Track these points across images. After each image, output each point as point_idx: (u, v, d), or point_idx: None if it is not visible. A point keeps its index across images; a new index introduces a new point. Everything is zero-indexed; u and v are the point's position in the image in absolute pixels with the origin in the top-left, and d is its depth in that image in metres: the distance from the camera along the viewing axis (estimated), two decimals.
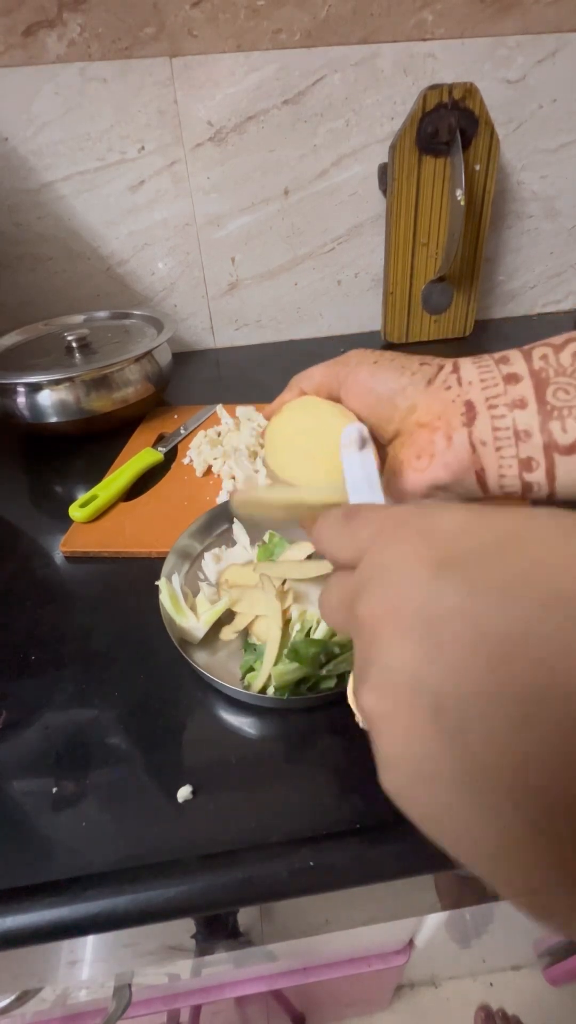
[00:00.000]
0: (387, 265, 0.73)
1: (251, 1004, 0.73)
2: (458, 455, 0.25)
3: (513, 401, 0.25)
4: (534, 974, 0.92)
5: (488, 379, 0.25)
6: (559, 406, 0.24)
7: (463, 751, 0.13)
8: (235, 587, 0.37)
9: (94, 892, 0.25)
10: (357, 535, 0.18)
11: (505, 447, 0.25)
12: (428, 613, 0.14)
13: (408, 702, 0.14)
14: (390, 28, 0.63)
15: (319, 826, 0.26)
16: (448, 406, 0.26)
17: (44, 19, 0.58)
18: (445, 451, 0.25)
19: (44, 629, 0.38)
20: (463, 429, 0.25)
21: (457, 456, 0.25)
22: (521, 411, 0.24)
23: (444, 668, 0.13)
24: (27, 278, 0.72)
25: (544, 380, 0.24)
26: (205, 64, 0.62)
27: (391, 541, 0.16)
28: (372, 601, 0.15)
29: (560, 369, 0.24)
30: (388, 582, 0.15)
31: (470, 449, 0.25)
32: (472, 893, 0.40)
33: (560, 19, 0.64)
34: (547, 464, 0.24)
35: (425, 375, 0.27)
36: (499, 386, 0.25)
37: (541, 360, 0.25)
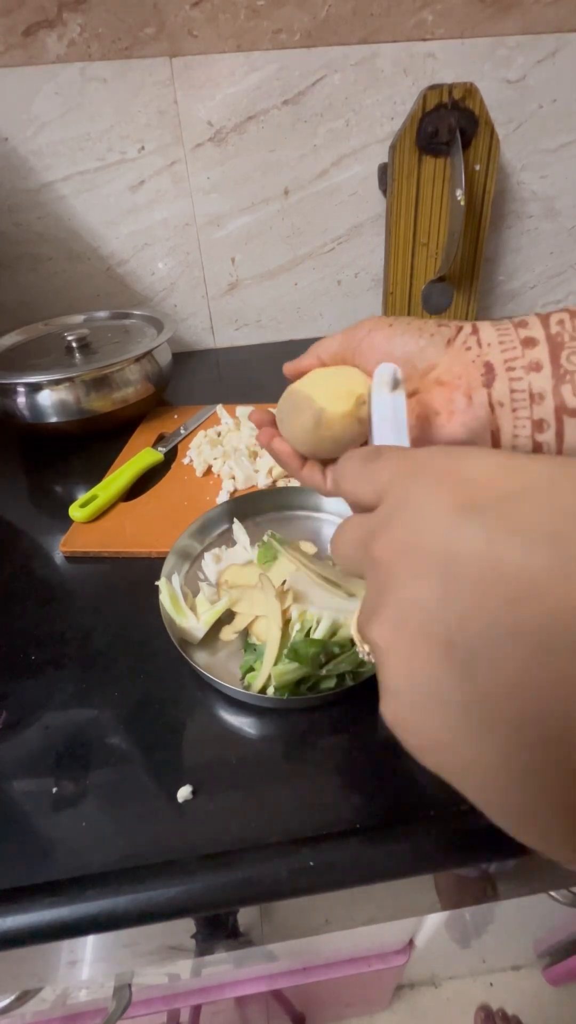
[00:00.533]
0: (387, 265, 0.73)
1: (251, 1004, 0.73)
2: (477, 414, 0.26)
3: (530, 364, 0.25)
4: (534, 974, 0.92)
5: (506, 342, 0.26)
6: (571, 370, 0.24)
7: (471, 683, 0.13)
8: (235, 587, 0.37)
9: (94, 892, 0.25)
10: (379, 475, 0.18)
11: (521, 408, 0.25)
12: (448, 553, 0.14)
13: (420, 635, 0.14)
14: (390, 28, 0.63)
15: (319, 826, 0.26)
16: (468, 366, 0.26)
17: (44, 19, 0.58)
18: (465, 410, 0.26)
19: (44, 629, 0.38)
20: (483, 389, 0.26)
21: (476, 415, 0.26)
22: (536, 374, 0.25)
23: (460, 606, 0.13)
24: (27, 278, 0.72)
25: (559, 344, 0.25)
26: (205, 64, 0.62)
27: (414, 482, 0.16)
28: (392, 539, 0.16)
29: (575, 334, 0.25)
30: (409, 521, 0.16)
31: (489, 409, 0.26)
32: (472, 893, 0.40)
33: (560, 19, 0.64)
34: (557, 426, 0.25)
35: (444, 336, 0.27)
36: (517, 349, 0.26)
37: (558, 325, 0.25)
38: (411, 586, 0.15)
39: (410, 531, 0.15)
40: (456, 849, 0.26)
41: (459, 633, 0.13)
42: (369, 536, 0.17)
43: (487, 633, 0.13)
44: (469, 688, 0.13)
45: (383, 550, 0.16)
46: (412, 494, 0.16)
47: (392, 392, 0.25)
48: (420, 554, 0.15)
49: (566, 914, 0.61)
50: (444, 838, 0.26)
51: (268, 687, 0.32)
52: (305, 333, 0.83)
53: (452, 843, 0.26)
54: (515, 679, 0.12)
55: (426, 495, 0.16)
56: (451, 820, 0.26)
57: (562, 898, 0.44)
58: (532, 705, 0.12)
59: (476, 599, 0.13)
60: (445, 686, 0.14)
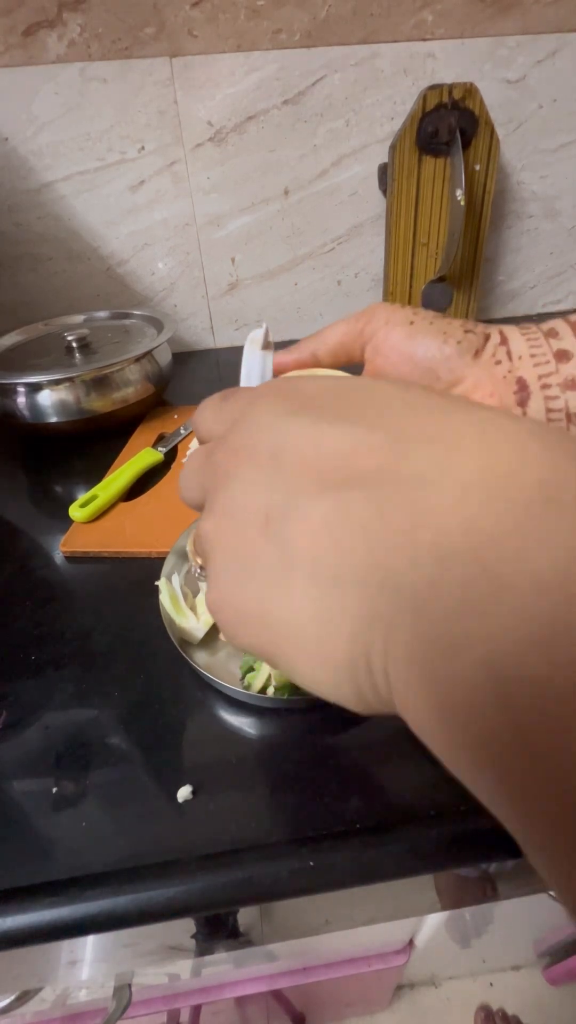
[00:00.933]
0: (387, 265, 0.73)
1: (251, 1004, 0.73)
2: None
3: (566, 381, 0.24)
4: (534, 974, 0.92)
5: (539, 355, 0.24)
6: None
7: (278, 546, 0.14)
8: None
9: (94, 892, 0.25)
10: (230, 409, 0.19)
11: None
12: (277, 446, 0.15)
13: (241, 519, 0.15)
14: (390, 28, 0.63)
15: (319, 826, 0.26)
16: (500, 383, 0.25)
17: (44, 19, 0.58)
18: None
19: (44, 629, 0.38)
20: (517, 409, 0.24)
21: None
22: (573, 392, 0.23)
23: (278, 484, 0.14)
24: (27, 278, 0.72)
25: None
26: (205, 64, 0.62)
27: (256, 402, 0.17)
28: (229, 445, 0.17)
29: None
30: (246, 428, 0.16)
31: None
32: (472, 893, 0.40)
33: (560, 19, 0.64)
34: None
35: (471, 345, 0.25)
36: (551, 363, 0.24)
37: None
38: (241, 479, 0.16)
39: (246, 435, 0.16)
40: (456, 849, 0.26)
41: (275, 507, 0.14)
42: (211, 450, 0.18)
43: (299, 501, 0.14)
44: (278, 549, 0.14)
45: (221, 455, 0.17)
46: (252, 410, 0.17)
47: (263, 349, 0.25)
48: (250, 452, 0.16)
49: (566, 914, 0.61)
50: (444, 838, 0.26)
51: (268, 687, 0.32)
52: (305, 333, 0.82)
53: (452, 843, 0.26)
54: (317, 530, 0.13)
55: (264, 407, 0.16)
56: (451, 820, 0.26)
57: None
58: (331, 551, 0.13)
59: (294, 475, 0.14)
60: (259, 556, 0.15)
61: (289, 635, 0.14)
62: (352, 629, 0.13)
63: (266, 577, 0.15)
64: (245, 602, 0.15)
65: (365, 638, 0.13)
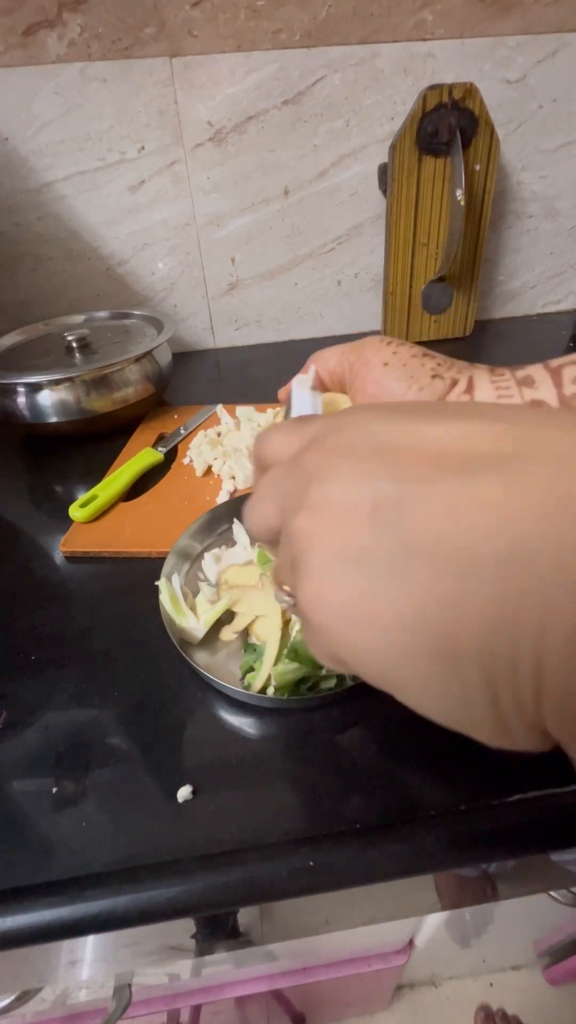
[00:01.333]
0: (387, 265, 0.73)
1: (251, 1004, 0.73)
2: None
3: None
4: (534, 974, 0.92)
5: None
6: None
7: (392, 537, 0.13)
8: (235, 587, 0.37)
9: (94, 892, 0.25)
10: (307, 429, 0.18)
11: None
12: (378, 442, 0.15)
13: (348, 507, 0.14)
14: (390, 28, 0.63)
15: (319, 826, 0.26)
16: None
17: (44, 19, 0.58)
18: None
19: (44, 629, 0.38)
20: None
21: None
22: None
23: (389, 476, 0.14)
24: (27, 278, 0.72)
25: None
26: (205, 64, 0.62)
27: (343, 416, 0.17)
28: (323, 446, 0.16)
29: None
30: (339, 432, 0.16)
31: None
32: (472, 893, 0.40)
33: (560, 19, 0.64)
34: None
35: (434, 392, 0.24)
36: None
37: (574, 384, 0.22)
38: (341, 474, 0.15)
39: (341, 437, 0.16)
40: (456, 849, 0.26)
41: (384, 497, 0.14)
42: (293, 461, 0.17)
43: (414, 485, 0.13)
44: (392, 540, 0.13)
45: (311, 459, 0.16)
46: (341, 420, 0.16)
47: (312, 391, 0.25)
48: (352, 449, 0.15)
49: (566, 914, 0.61)
50: (444, 838, 0.26)
51: (268, 687, 0.32)
52: (305, 333, 0.83)
53: (452, 843, 0.26)
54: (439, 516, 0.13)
55: (356, 415, 0.16)
56: (451, 820, 0.26)
57: (562, 898, 0.44)
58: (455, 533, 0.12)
59: (405, 466, 0.14)
60: (367, 548, 0.14)
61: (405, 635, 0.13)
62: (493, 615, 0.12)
63: (378, 570, 0.13)
64: (351, 599, 0.14)
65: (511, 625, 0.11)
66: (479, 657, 0.12)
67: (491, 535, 0.12)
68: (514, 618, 0.11)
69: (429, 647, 0.13)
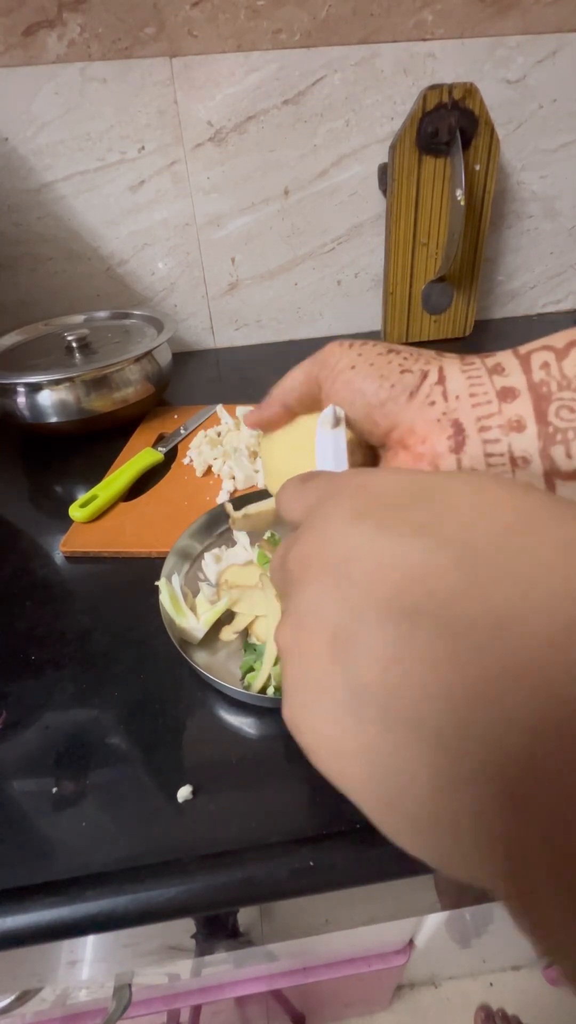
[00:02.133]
0: (387, 265, 0.73)
1: (251, 1004, 0.73)
2: None
3: (509, 422, 0.21)
4: (534, 974, 0.92)
5: (479, 393, 0.22)
6: (563, 427, 0.21)
7: (348, 672, 0.13)
8: (235, 587, 0.37)
9: (94, 892, 0.25)
10: (307, 497, 0.18)
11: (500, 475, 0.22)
12: (341, 557, 0.15)
13: (314, 633, 0.15)
14: (390, 28, 0.63)
15: (319, 826, 0.26)
16: (433, 427, 0.22)
17: (44, 19, 0.58)
18: None
19: (44, 629, 0.38)
20: (451, 455, 0.22)
21: None
22: (518, 434, 0.21)
23: (344, 602, 0.14)
24: (27, 278, 0.72)
25: (545, 396, 0.21)
26: (205, 64, 0.62)
27: (327, 499, 0.17)
28: (299, 550, 0.16)
29: (564, 382, 0.21)
30: (315, 533, 0.16)
31: None
32: (472, 893, 0.40)
33: (560, 19, 0.64)
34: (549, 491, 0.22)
35: (406, 386, 0.23)
36: (492, 403, 0.22)
37: (542, 370, 0.21)
38: (310, 590, 0.15)
39: (314, 542, 0.16)
40: None
41: (342, 627, 0.14)
42: (286, 552, 0.17)
43: (363, 622, 0.13)
44: (346, 677, 0.13)
45: (293, 562, 0.17)
46: (322, 510, 0.17)
47: (332, 428, 0.25)
48: (319, 560, 0.15)
49: None
50: None
51: (268, 687, 0.32)
52: (305, 333, 0.83)
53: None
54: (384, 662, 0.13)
55: (333, 509, 0.16)
56: None
57: None
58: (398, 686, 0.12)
59: (359, 594, 0.14)
60: (329, 680, 0.14)
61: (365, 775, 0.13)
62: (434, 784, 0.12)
63: (337, 705, 0.14)
64: (319, 728, 0.14)
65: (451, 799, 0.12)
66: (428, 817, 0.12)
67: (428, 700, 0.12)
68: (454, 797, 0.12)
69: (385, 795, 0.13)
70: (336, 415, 0.25)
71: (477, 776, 0.11)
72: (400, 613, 0.13)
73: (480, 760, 0.11)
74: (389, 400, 0.24)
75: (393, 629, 0.13)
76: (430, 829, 0.13)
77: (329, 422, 0.25)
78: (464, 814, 0.12)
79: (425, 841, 0.13)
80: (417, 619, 0.12)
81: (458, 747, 0.11)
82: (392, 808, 0.13)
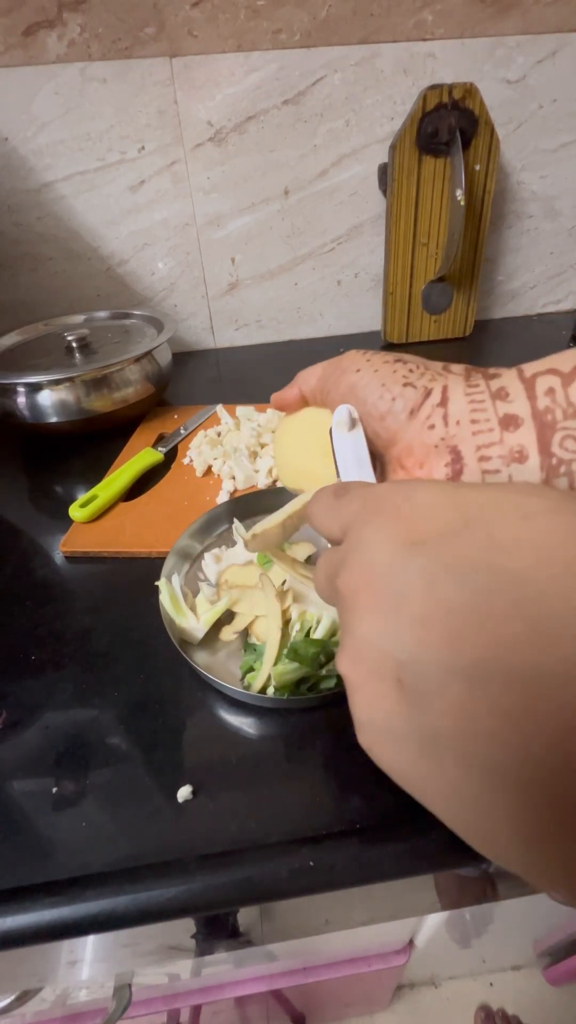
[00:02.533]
0: (387, 265, 0.73)
1: (251, 1004, 0.73)
2: None
3: (511, 452, 0.21)
4: (534, 974, 0.92)
5: (480, 420, 0.21)
6: (567, 459, 0.20)
7: (421, 717, 0.14)
8: (235, 587, 0.37)
9: (94, 892, 0.25)
10: (343, 512, 0.18)
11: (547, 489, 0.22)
12: (395, 588, 0.15)
13: (375, 671, 0.15)
14: (390, 28, 0.63)
15: (319, 826, 0.26)
16: (431, 452, 0.22)
17: (44, 19, 0.58)
18: None
19: (44, 629, 0.38)
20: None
21: None
22: (520, 465, 0.20)
23: (406, 641, 0.14)
24: (27, 278, 0.72)
25: (550, 425, 0.20)
26: (205, 64, 0.62)
27: (370, 519, 0.17)
28: (349, 575, 0.16)
29: (570, 409, 0.20)
30: (363, 558, 0.16)
31: None
32: (472, 893, 0.40)
33: (560, 19, 0.64)
34: None
35: (407, 403, 0.23)
36: (494, 431, 0.21)
37: (547, 397, 0.20)
38: (366, 622, 0.15)
39: (364, 568, 0.16)
40: (456, 849, 0.26)
41: (407, 670, 0.14)
42: (334, 572, 0.17)
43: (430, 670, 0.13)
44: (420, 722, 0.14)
45: (344, 586, 0.17)
46: (368, 530, 0.17)
47: (350, 431, 0.25)
48: (372, 590, 0.15)
49: (566, 914, 0.61)
50: (444, 838, 0.26)
51: (268, 687, 0.32)
52: (305, 333, 0.83)
53: (452, 843, 0.26)
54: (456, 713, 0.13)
55: (379, 532, 0.16)
56: None
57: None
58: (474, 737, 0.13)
59: (420, 636, 0.14)
60: (399, 721, 0.14)
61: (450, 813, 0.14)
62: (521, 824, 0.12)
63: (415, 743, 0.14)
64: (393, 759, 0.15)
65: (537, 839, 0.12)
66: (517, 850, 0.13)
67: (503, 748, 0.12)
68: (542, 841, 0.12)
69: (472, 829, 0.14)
70: (351, 416, 0.25)
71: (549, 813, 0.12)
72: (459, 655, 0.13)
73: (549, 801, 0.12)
74: (389, 414, 0.23)
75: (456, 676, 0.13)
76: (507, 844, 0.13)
77: (345, 425, 0.25)
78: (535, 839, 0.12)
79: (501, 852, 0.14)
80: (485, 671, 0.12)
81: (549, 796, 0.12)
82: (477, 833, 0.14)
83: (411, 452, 0.23)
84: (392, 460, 0.24)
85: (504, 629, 0.12)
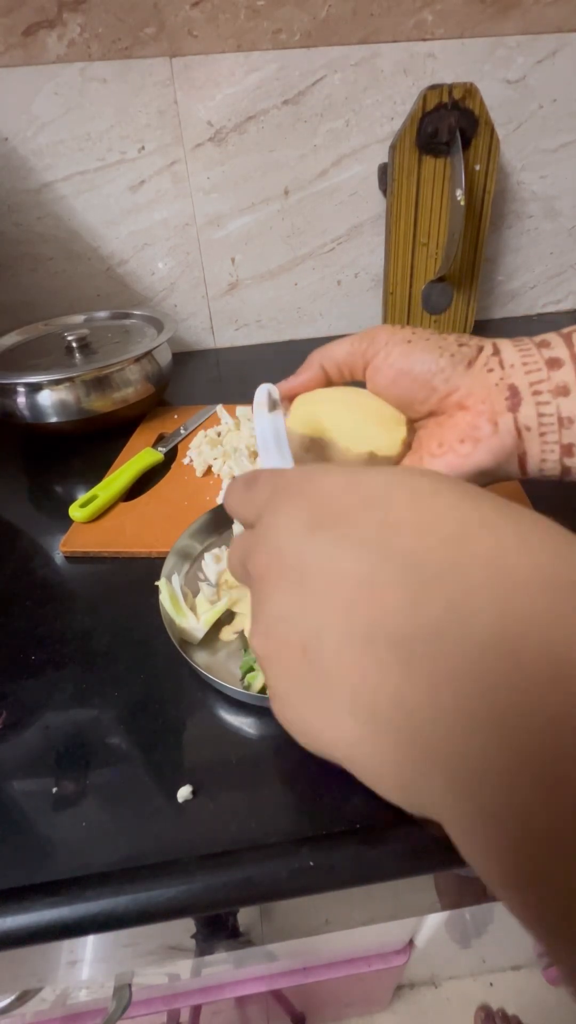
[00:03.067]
0: (387, 265, 0.73)
1: (251, 1004, 0.73)
2: (503, 441, 0.26)
3: (557, 387, 0.25)
4: (534, 974, 0.92)
5: (530, 363, 0.25)
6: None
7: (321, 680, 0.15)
8: (235, 587, 0.37)
9: (94, 892, 0.25)
10: (255, 499, 0.20)
11: (549, 433, 0.25)
12: (299, 567, 0.16)
13: (284, 642, 0.16)
14: (390, 28, 0.63)
15: (319, 826, 0.26)
16: (491, 390, 0.26)
17: (44, 19, 0.58)
18: (491, 436, 0.26)
19: (44, 629, 0.38)
20: (508, 415, 0.25)
21: (502, 442, 0.26)
22: (565, 398, 0.24)
23: (309, 612, 0.16)
24: (27, 278, 0.72)
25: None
26: (205, 64, 0.62)
27: (279, 504, 0.18)
28: (259, 557, 0.18)
29: None
30: (271, 542, 0.17)
31: (515, 434, 0.25)
32: (472, 893, 0.40)
33: (560, 19, 0.64)
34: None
35: (464, 356, 0.27)
36: (542, 371, 0.25)
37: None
38: (273, 599, 0.17)
39: (272, 551, 0.17)
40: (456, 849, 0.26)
41: (310, 639, 0.15)
42: (246, 555, 0.19)
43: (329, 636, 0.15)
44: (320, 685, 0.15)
45: (254, 567, 0.18)
46: (276, 514, 0.18)
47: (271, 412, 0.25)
48: (281, 570, 0.17)
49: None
50: (444, 838, 0.26)
51: None
52: (305, 333, 0.83)
53: (452, 843, 0.26)
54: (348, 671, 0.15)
55: (285, 517, 0.17)
56: None
57: None
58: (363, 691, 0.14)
59: (320, 607, 0.15)
60: (303, 686, 0.16)
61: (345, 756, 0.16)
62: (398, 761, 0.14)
63: (316, 700, 0.16)
64: (306, 720, 0.17)
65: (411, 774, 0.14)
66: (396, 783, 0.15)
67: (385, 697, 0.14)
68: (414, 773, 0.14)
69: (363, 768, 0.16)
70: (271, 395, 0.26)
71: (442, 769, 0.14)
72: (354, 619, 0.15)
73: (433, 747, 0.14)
74: (448, 367, 0.27)
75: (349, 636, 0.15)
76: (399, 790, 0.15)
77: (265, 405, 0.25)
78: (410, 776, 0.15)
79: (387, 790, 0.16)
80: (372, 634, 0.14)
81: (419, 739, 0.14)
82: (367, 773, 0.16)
83: (472, 393, 0.26)
84: (450, 407, 0.27)
85: (388, 597, 0.14)
